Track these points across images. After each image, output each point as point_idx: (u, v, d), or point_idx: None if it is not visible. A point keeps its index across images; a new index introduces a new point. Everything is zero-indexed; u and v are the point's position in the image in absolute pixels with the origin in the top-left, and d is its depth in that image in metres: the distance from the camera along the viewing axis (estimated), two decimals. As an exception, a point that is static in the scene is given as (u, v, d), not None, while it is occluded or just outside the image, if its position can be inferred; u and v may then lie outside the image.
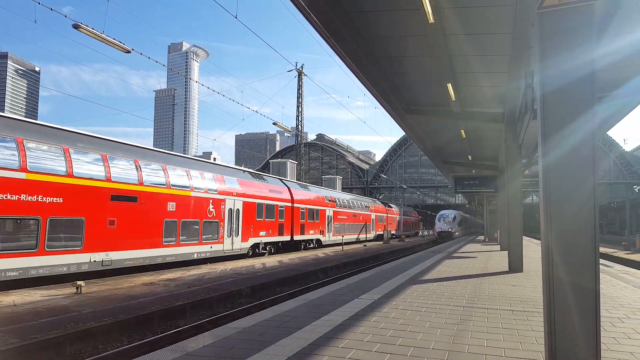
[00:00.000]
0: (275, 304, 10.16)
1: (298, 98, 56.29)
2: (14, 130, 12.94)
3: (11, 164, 12.45)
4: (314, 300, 8.88)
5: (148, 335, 9.59)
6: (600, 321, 4.09)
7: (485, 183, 24.05)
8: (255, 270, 17.99)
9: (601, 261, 16.96)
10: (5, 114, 13.53)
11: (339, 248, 34.27)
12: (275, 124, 31.48)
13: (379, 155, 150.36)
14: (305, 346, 5.54)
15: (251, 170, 28.94)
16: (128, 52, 15.94)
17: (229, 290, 12.94)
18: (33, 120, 14.49)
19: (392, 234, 54.65)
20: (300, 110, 56.52)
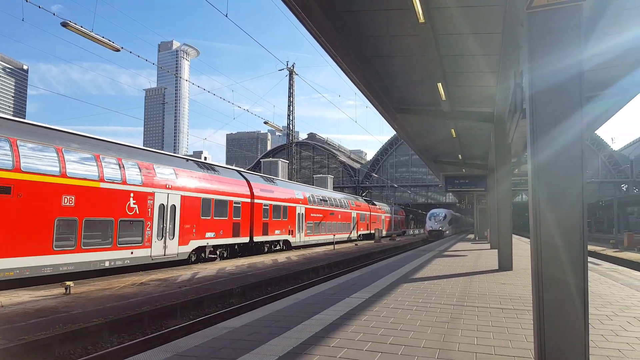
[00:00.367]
0: (266, 303, 10.13)
1: (289, 97, 56.29)
2: None
3: None
4: (304, 299, 8.88)
5: (138, 335, 9.55)
6: (589, 319, 4.12)
7: (476, 182, 24.22)
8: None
9: (589, 259, 17.10)
10: None
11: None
12: (266, 123, 31.45)
13: (370, 155, 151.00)
14: (296, 346, 5.54)
15: (196, 158, 23.46)
16: (117, 50, 15.84)
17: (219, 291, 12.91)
18: None
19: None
20: (291, 109, 56.52)
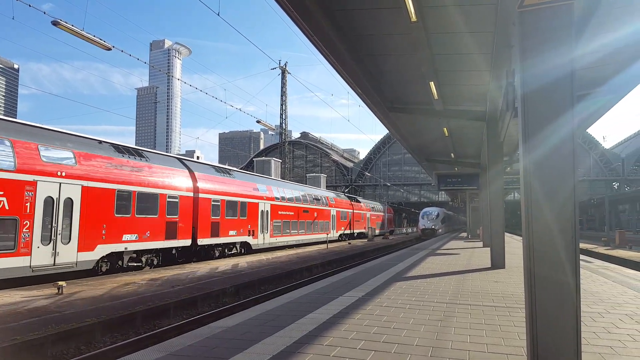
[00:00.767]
0: (259, 302, 10.13)
1: (282, 96, 56.23)
2: None
3: None
4: (298, 298, 8.87)
5: (131, 335, 9.52)
6: (581, 316, 4.15)
7: (468, 181, 24.30)
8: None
9: (581, 257, 17.19)
10: None
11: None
12: (259, 122, 31.46)
13: (363, 153, 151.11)
14: (290, 344, 5.54)
15: (107, 140, 17.67)
16: (109, 49, 15.75)
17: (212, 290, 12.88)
18: None
19: (362, 233, 51.00)
20: (284, 108, 56.45)
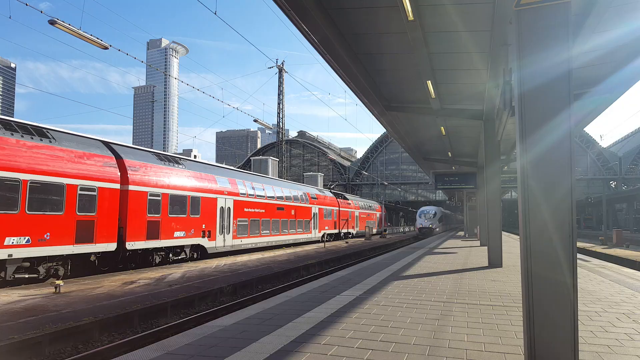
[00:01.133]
0: (256, 301, 10.12)
1: (279, 95, 56.19)
2: None
3: None
4: (295, 297, 8.87)
5: (129, 334, 9.50)
6: (578, 315, 4.16)
7: (465, 180, 24.29)
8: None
9: (579, 256, 17.27)
10: None
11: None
12: (256, 121, 31.40)
13: (360, 152, 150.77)
14: (287, 343, 5.54)
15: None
16: (106, 48, 15.69)
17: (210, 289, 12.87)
18: None
19: (348, 233, 46.30)
20: (281, 107, 56.43)
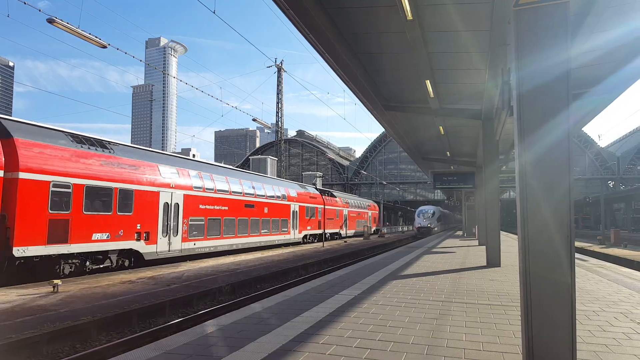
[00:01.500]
0: (255, 300, 10.12)
1: (278, 94, 56.17)
2: None
3: None
4: (293, 297, 8.87)
5: (127, 333, 9.49)
6: (576, 314, 4.16)
7: (464, 179, 24.27)
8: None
9: (577, 255, 17.28)
10: None
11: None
12: (255, 120, 31.38)
13: (359, 152, 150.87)
14: (286, 343, 5.54)
15: None
16: (104, 47, 15.67)
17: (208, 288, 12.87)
18: None
19: (336, 233, 43.19)
20: (280, 106, 56.40)
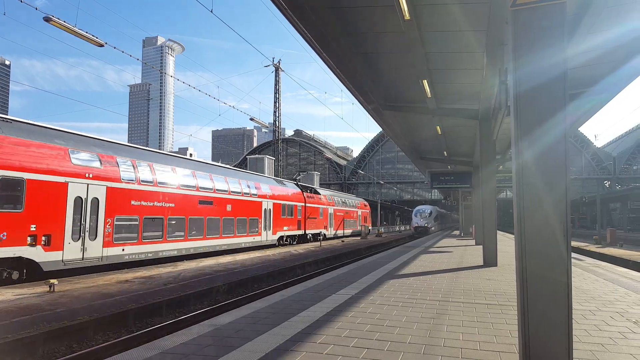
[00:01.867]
0: (252, 300, 10.12)
1: (275, 94, 56.10)
2: None
3: None
4: (291, 296, 8.87)
5: (123, 333, 9.48)
6: (572, 314, 4.17)
7: (461, 179, 24.28)
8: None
9: (573, 255, 17.28)
10: None
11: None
12: (252, 119, 31.37)
13: (356, 151, 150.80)
14: (283, 342, 5.54)
15: None
16: (101, 45, 15.64)
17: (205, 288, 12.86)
18: None
19: (319, 234, 38.04)
20: (277, 105, 56.35)
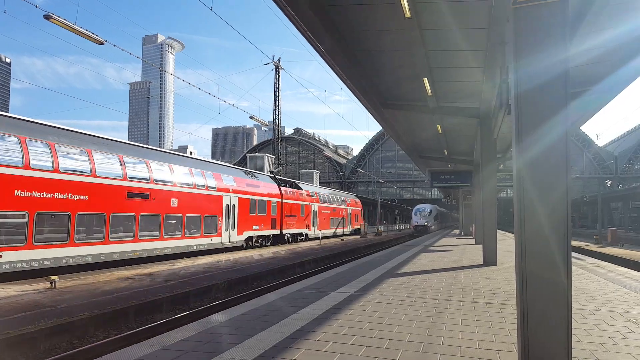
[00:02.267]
0: (251, 298, 10.13)
1: (275, 92, 56.05)
2: None
3: None
4: (291, 294, 8.88)
5: (124, 330, 9.49)
6: (572, 313, 4.17)
7: (461, 178, 24.27)
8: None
9: (573, 254, 17.25)
10: None
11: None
12: (252, 117, 31.29)
13: (356, 150, 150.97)
14: (282, 340, 5.54)
15: None
16: (101, 43, 15.62)
17: (205, 285, 12.87)
18: None
19: (299, 234, 35.12)
20: (277, 104, 56.30)
